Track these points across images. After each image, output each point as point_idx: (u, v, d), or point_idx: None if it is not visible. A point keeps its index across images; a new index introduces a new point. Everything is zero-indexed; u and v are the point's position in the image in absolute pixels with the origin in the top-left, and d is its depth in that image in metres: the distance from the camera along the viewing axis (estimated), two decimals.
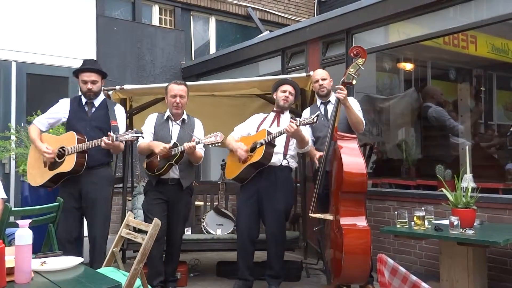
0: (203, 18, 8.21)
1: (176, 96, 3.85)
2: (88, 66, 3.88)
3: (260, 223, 4.04)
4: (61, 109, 3.88)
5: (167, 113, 3.96)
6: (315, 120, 3.51)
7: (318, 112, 3.68)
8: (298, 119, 3.62)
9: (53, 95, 6.40)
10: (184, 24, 7.86)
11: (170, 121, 3.94)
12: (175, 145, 3.72)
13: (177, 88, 3.87)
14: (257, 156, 3.76)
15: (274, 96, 4.09)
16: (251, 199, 3.94)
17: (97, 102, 3.85)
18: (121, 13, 7.40)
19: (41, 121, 3.88)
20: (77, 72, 3.87)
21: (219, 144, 3.68)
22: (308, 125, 3.98)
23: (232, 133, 4.10)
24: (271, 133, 3.76)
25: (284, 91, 3.99)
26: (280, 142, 3.85)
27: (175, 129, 3.91)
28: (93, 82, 3.79)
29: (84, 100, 3.85)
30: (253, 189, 3.92)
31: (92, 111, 3.82)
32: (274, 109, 4.10)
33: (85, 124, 3.76)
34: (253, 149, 3.84)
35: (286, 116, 4.03)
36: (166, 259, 4.02)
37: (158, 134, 3.90)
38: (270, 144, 3.75)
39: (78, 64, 6.42)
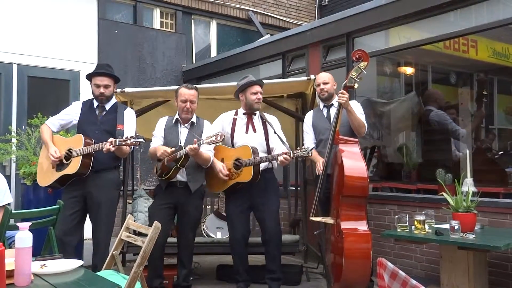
0: (204, 22, 8.22)
1: (187, 101, 3.82)
2: (101, 70, 3.89)
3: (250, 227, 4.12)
4: (72, 111, 3.91)
5: (176, 116, 3.95)
6: (310, 154, 3.59)
7: (313, 146, 3.75)
8: (291, 151, 3.64)
9: (54, 98, 6.44)
10: (185, 27, 7.88)
11: (179, 124, 3.93)
12: (179, 148, 3.71)
13: (188, 93, 3.84)
14: (246, 176, 3.79)
15: (241, 98, 4.02)
16: (244, 205, 3.95)
17: (108, 106, 3.86)
18: (122, 16, 7.42)
19: (53, 122, 3.90)
20: (90, 76, 3.87)
21: (220, 143, 3.68)
22: (311, 129, 4.03)
23: None
24: (256, 154, 3.78)
25: (255, 93, 3.94)
26: (263, 148, 3.90)
27: (183, 132, 3.90)
28: (106, 87, 3.80)
29: (95, 103, 3.86)
30: (244, 196, 3.92)
31: (103, 115, 3.83)
32: (244, 111, 4.03)
33: (95, 127, 3.76)
34: (238, 167, 3.84)
35: (257, 118, 4.02)
36: (178, 263, 4.00)
37: (167, 137, 3.90)
38: (258, 165, 3.79)
39: (79, 67, 6.58)
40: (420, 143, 6.01)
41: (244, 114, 4.04)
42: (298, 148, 3.67)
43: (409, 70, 6.40)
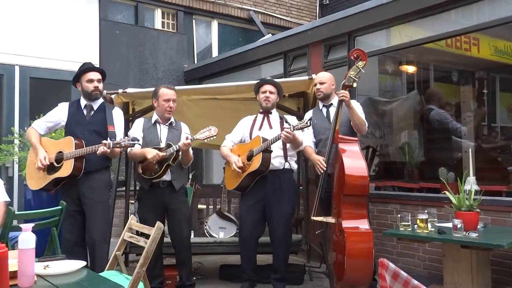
0: (206, 22, 8.22)
1: (170, 101, 3.87)
2: (91, 66, 3.92)
3: (264, 227, 4.06)
4: (59, 113, 3.86)
5: (155, 117, 3.97)
6: (308, 124, 3.55)
7: (311, 116, 3.74)
8: (291, 124, 3.64)
9: (56, 99, 6.38)
10: (186, 27, 7.88)
11: (158, 125, 3.95)
12: (168, 146, 3.73)
13: (170, 93, 3.91)
14: (255, 164, 3.79)
15: (258, 98, 4.12)
16: (257, 204, 3.94)
17: (95, 105, 3.84)
18: (123, 17, 7.43)
19: (39, 125, 3.84)
20: (79, 75, 3.83)
21: (214, 137, 3.69)
22: (308, 128, 4.02)
23: (225, 142, 4.09)
24: (266, 140, 3.78)
25: (264, 92, 4.02)
26: (278, 145, 3.87)
27: (163, 131, 3.93)
28: (99, 81, 3.81)
29: (83, 103, 3.83)
30: (258, 195, 3.92)
31: (91, 115, 3.80)
32: (260, 110, 4.12)
33: (83, 128, 3.73)
34: (250, 158, 3.85)
35: (274, 116, 4.07)
36: (177, 264, 4.01)
37: (146, 138, 3.89)
38: (267, 151, 3.78)
39: None
40: (422, 141, 6.00)
41: (260, 113, 4.11)
42: (298, 122, 3.66)
43: (410, 69, 6.39)
